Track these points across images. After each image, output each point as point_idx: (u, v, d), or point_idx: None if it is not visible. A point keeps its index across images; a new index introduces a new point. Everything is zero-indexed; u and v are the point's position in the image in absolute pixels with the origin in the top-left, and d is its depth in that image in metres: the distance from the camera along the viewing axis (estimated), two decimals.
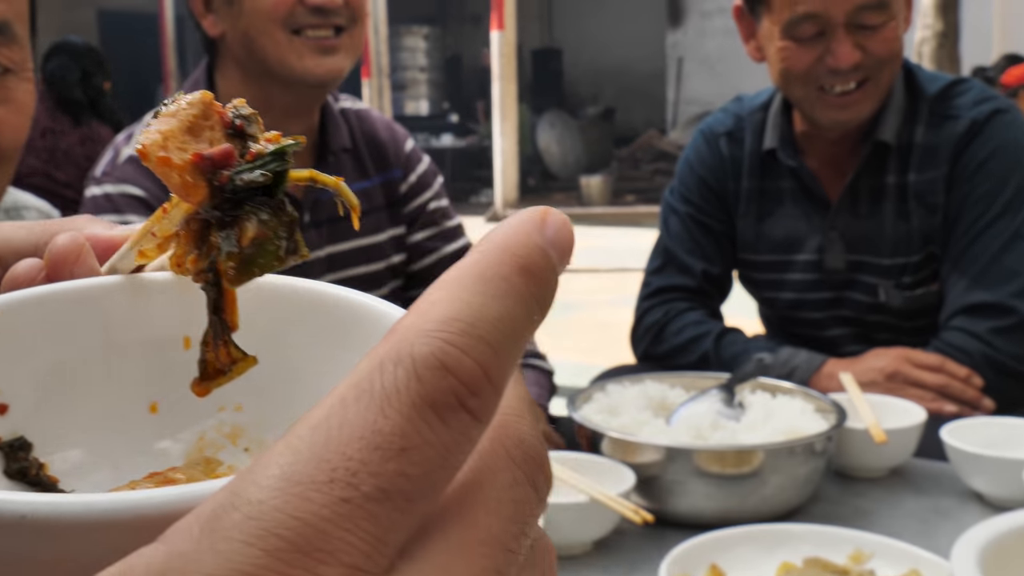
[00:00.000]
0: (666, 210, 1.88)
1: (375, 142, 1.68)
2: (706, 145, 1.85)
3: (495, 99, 9.10)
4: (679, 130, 12.31)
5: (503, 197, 9.15)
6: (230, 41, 1.50)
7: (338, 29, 1.49)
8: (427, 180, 1.72)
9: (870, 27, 1.60)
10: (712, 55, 12.60)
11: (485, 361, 0.20)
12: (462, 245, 1.72)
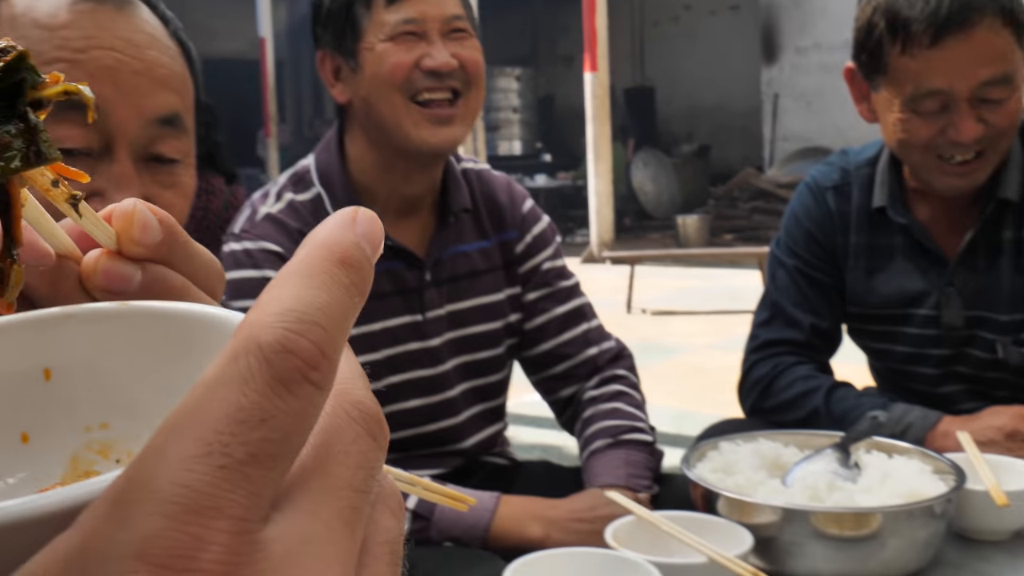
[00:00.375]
0: (773, 262, 1.87)
1: (494, 203, 1.70)
2: (812, 198, 1.84)
3: (589, 140, 9.14)
4: (777, 167, 12.20)
5: (599, 237, 9.17)
6: (355, 107, 1.58)
7: (455, 93, 1.53)
8: (543, 241, 1.74)
9: (994, 101, 1.59)
10: (809, 91, 12.49)
11: (320, 341, 0.25)
12: (575, 306, 1.73)
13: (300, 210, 1.59)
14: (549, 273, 1.72)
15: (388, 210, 1.60)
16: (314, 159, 1.66)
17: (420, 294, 1.62)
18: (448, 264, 1.64)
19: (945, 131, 1.60)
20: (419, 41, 1.52)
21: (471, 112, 1.57)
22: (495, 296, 1.68)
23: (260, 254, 1.52)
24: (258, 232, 1.54)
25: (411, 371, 1.59)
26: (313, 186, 1.62)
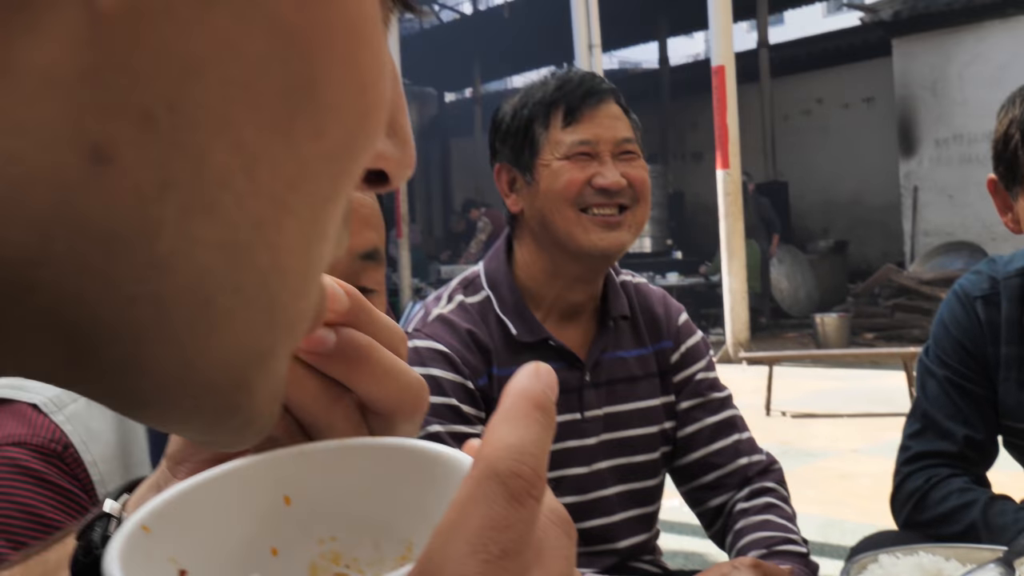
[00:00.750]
0: (923, 372, 1.87)
1: (651, 314, 1.76)
2: (961, 308, 1.83)
3: (722, 237, 9.16)
4: (918, 263, 11.94)
5: (733, 337, 9.10)
6: (527, 216, 1.67)
7: (621, 207, 1.62)
8: (697, 353, 1.78)
9: None
10: (950, 184, 12.29)
11: (535, 466, 0.34)
12: (726, 417, 1.75)
13: (469, 311, 1.67)
14: (702, 384, 1.76)
15: (552, 313, 1.68)
16: (483, 265, 1.74)
17: (580, 394, 1.67)
18: (607, 367, 1.69)
19: None
20: (591, 160, 1.62)
21: (637, 223, 1.65)
22: (651, 402, 1.73)
23: (427, 352, 1.59)
24: (429, 331, 1.62)
25: (567, 468, 1.63)
26: (482, 289, 1.69)
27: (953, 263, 11.21)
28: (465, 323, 1.64)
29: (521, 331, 1.65)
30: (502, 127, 1.72)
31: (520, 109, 1.68)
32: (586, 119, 1.64)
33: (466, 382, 1.59)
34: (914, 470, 1.78)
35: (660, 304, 1.80)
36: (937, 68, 12.75)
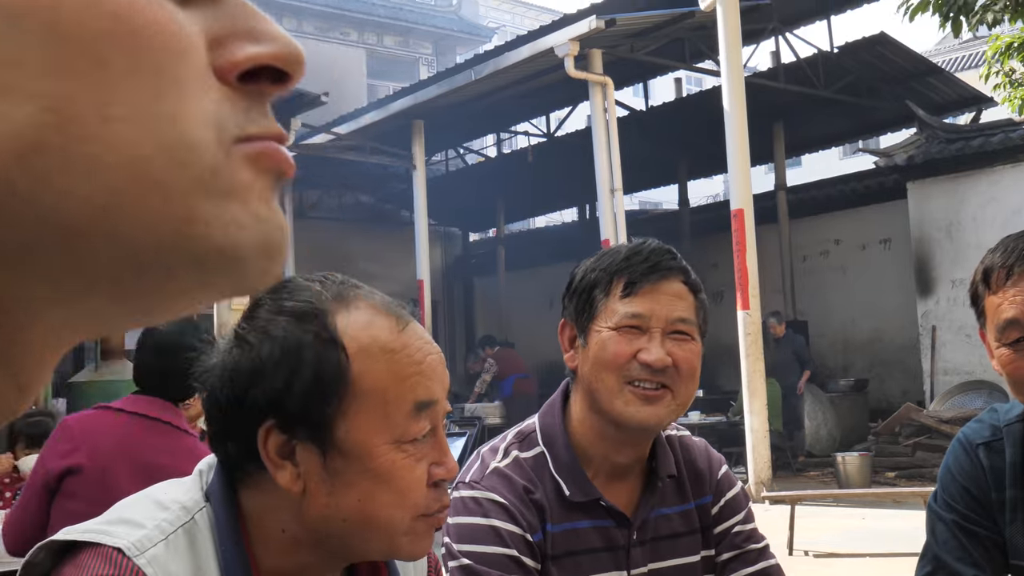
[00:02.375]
0: (932, 517, 1.87)
1: (695, 470, 1.76)
2: (965, 455, 1.85)
3: (744, 377, 9.15)
4: (938, 402, 11.82)
5: (755, 475, 9.00)
6: (580, 374, 1.66)
7: (663, 385, 1.60)
8: (736, 505, 1.78)
9: None
10: (967, 324, 12.20)
11: None
12: (763, 567, 1.75)
13: (524, 466, 1.66)
14: (739, 536, 1.76)
15: (601, 472, 1.68)
16: (538, 420, 1.73)
17: (627, 551, 1.66)
18: (652, 525, 1.70)
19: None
20: (641, 335, 1.60)
21: (679, 402, 1.63)
22: (692, 558, 1.73)
23: (488, 503, 1.60)
24: (487, 484, 1.63)
25: None
26: (537, 445, 1.69)
27: (973, 402, 11.12)
28: (521, 479, 1.65)
29: (574, 492, 1.65)
30: (572, 285, 1.71)
31: (589, 272, 1.68)
32: (644, 293, 1.63)
33: (525, 534, 1.60)
34: None
35: (703, 458, 1.80)
36: (951, 211, 12.82)
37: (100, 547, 1.02)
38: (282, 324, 1.07)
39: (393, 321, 1.10)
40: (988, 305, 1.72)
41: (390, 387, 1.08)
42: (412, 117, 14.18)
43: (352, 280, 1.15)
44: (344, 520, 1.07)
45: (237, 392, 1.06)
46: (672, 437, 1.78)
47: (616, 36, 11.03)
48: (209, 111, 0.38)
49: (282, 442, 1.05)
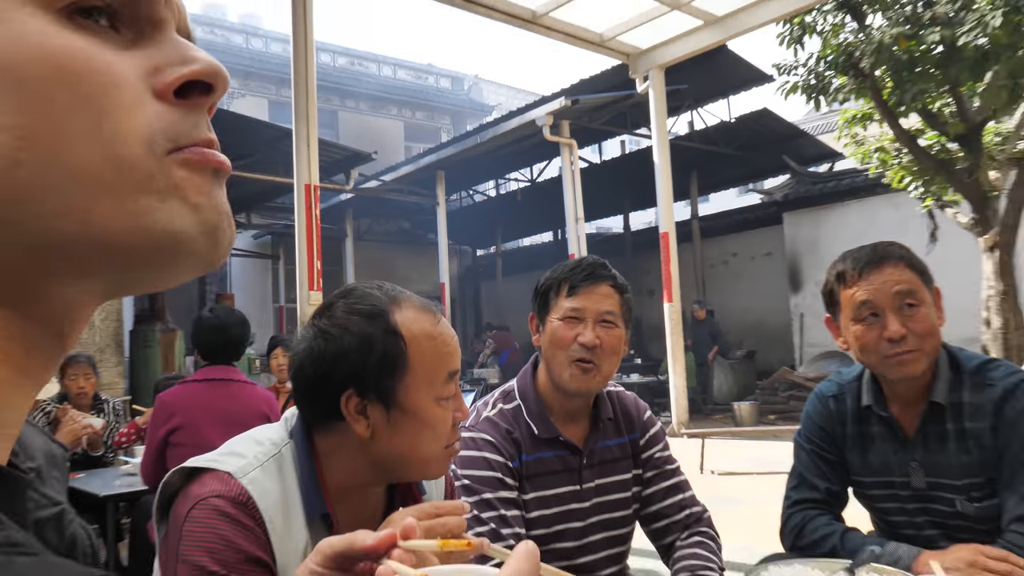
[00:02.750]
0: (797, 447, 1.89)
1: (627, 414, 1.78)
2: (820, 404, 1.87)
3: (668, 349, 9.12)
4: (805, 366, 11.92)
5: (677, 418, 9.00)
6: (543, 350, 1.68)
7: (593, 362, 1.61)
8: (656, 439, 1.78)
9: (908, 310, 1.64)
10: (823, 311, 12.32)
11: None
12: (675, 482, 1.75)
13: (506, 415, 1.67)
14: (659, 459, 1.77)
15: (559, 417, 1.68)
16: (516, 382, 1.73)
17: (579, 472, 1.67)
18: (598, 453, 1.70)
19: (883, 334, 1.64)
20: (579, 324, 1.61)
21: (604, 374, 1.63)
22: (625, 476, 1.73)
23: (481, 441, 1.62)
24: (480, 428, 1.64)
25: (569, 523, 1.64)
26: (515, 399, 1.70)
27: (828, 366, 11.15)
28: (504, 424, 1.65)
29: (541, 431, 1.65)
30: (538, 288, 1.71)
31: (548, 279, 1.69)
32: (582, 293, 1.63)
33: (507, 462, 1.60)
34: (794, 512, 1.80)
35: (633, 406, 1.80)
36: (814, 233, 12.88)
37: (215, 471, 1.03)
38: (356, 322, 1.09)
39: (431, 315, 1.13)
40: (843, 296, 1.72)
41: (433, 363, 1.10)
42: (436, 169, 14.16)
43: (398, 287, 1.17)
44: (399, 455, 1.09)
45: (325, 370, 1.08)
46: (611, 391, 1.79)
47: (579, 111, 11.04)
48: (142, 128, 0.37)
49: (358, 403, 1.07)
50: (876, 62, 7.26)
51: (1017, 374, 1.67)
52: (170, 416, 3.00)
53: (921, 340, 1.64)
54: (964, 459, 1.66)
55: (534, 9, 7.91)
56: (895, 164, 8.28)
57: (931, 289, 1.70)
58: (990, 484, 1.63)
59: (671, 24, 8.35)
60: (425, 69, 23.99)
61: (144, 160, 0.37)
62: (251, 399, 3.14)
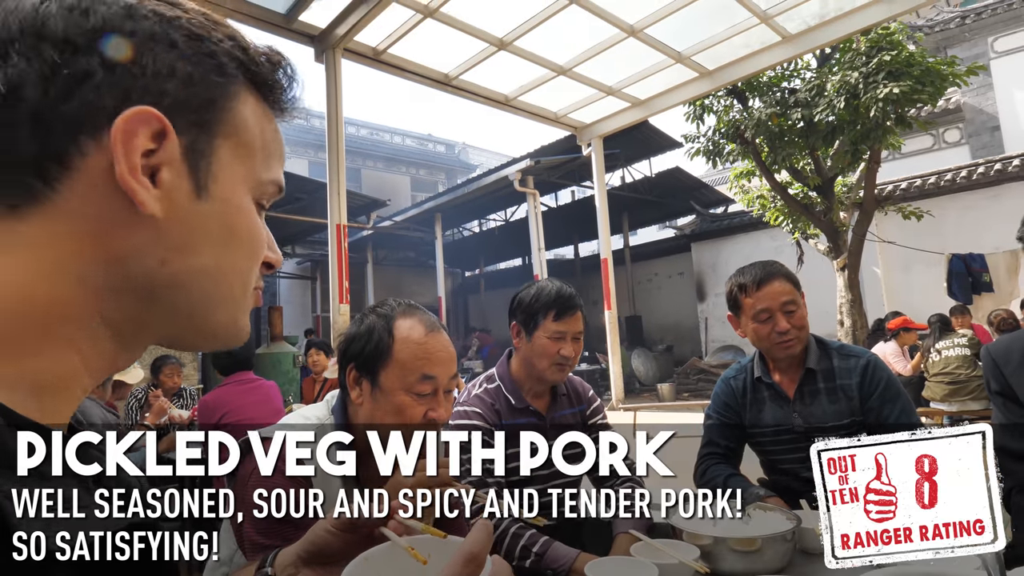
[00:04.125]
0: (707, 417, 1.92)
1: (576, 391, 1.78)
2: (724, 385, 1.90)
3: (609, 346, 9.12)
4: (709, 356, 12.00)
5: (616, 396, 9.02)
6: (523, 353, 1.66)
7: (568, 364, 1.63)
8: (598, 410, 1.78)
9: (790, 312, 1.73)
10: (722, 316, 12.33)
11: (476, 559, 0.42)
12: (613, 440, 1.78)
13: (489, 392, 1.67)
14: (600, 426, 1.78)
15: (528, 393, 1.68)
16: (496, 369, 1.71)
17: (544, 434, 1.67)
18: (558, 421, 1.70)
19: (773, 328, 1.72)
20: (560, 341, 1.62)
21: (571, 369, 1.66)
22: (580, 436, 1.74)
23: (471, 412, 1.61)
24: (470, 403, 1.64)
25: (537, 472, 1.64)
26: (496, 381, 1.69)
27: (727, 356, 11.27)
28: (488, 398, 1.65)
29: (516, 403, 1.65)
30: (522, 305, 1.66)
31: (534, 301, 1.64)
32: (565, 319, 1.62)
33: (490, 427, 1.59)
34: (702, 461, 1.83)
35: (581, 386, 1.81)
36: (713, 258, 12.97)
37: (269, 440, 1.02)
38: (373, 319, 1.09)
39: (427, 329, 1.11)
40: (745, 303, 1.77)
41: (411, 361, 1.08)
42: (435, 211, 14.09)
43: (420, 307, 1.16)
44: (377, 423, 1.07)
45: (347, 346, 1.11)
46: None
47: (540, 169, 11.08)
48: (255, 274, 0.43)
49: (356, 376, 1.07)
50: (756, 133, 7.42)
51: (867, 352, 1.77)
52: (213, 413, 3.08)
53: (799, 331, 1.74)
54: (832, 408, 1.71)
55: (507, 94, 7.99)
56: (772, 207, 8.43)
57: (801, 295, 1.77)
58: (852, 425, 1.68)
59: (608, 105, 8.47)
60: (426, 138, 23.96)
61: (249, 290, 0.43)
62: (266, 390, 3.31)
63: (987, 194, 9.11)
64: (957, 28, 11.58)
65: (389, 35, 6.43)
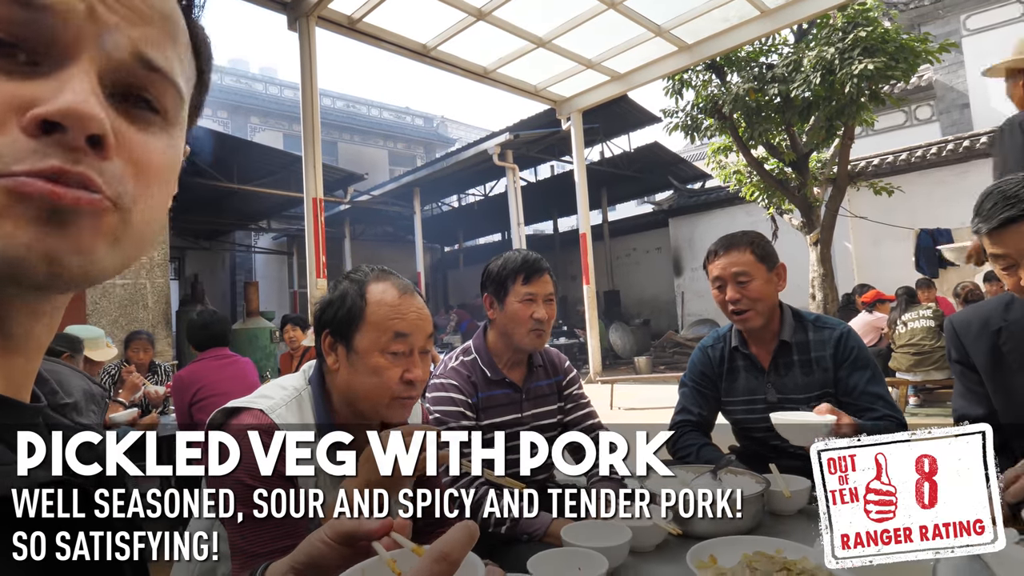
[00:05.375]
0: (681, 384, 1.93)
1: (552, 363, 1.79)
2: (701, 353, 1.91)
3: (587, 320, 9.16)
4: (685, 330, 12.13)
5: (593, 369, 9.10)
6: (497, 322, 1.66)
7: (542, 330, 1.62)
8: (574, 380, 1.79)
9: (742, 283, 1.73)
10: (700, 290, 12.54)
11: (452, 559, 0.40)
12: (587, 411, 1.76)
13: (466, 364, 1.66)
14: (576, 396, 1.79)
15: (505, 365, 1.68)
16: (472, 342, 1.71)
17: (520, 404, 1.67)
18: (533, 391, 1.71)
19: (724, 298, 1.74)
20: (532, 304, 1.62)
21: (547, 336, 1.66)
22: (552, 407, 1.74)
23: (448, 384, 1.61)
24: (446, 375, 1.64)
25: (512, 441, 1.62)
26: (472, 353, 1.69)
27: (703, 330, 11.41)
28: (464, 371, 1.65)
29: (492, 375, 1.65)
30: (492, 276, 1.67)
31: (502, 269, 1.65)
32: (533, 282, 1.63)
33: (467, 399, 1.59)
34: (675, 428, 1.83)
35: (557, 358, 1.82)
36: (690, 233, 13.01)
37: (251, 409, 1.01)
38: (346, 284, 1.09)
39: (398, 291, 1.10)
40: (708, 270, 1.79)
41: (382, 322, 1.07)
42: (413, 186, 13.94)
43: (392, 272, 1.15)
44: (354, 392, 1.06)
45: (321, 312, 1.10)
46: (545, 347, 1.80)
47: (519, 143, 10.97)
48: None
49: (331, 342, 1.07)
50: (733, 108, 7.43)
51: (842, 323, 1.78)
52: (187, 388, 3.09)
53: (753, 303, 1.73)
54: (805, 380, 1.74)
55: (485, 66, 7.86)
56: (748, 183, 8.50)
57: (771, 267, 1.76)
58: (822, 397, 1.70)
59: (587, 79, 8.39)
60: (403, 111, 23.56)
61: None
62: (241, 366, 3.29)
63: (956, 171, 9.29)
64: (931, 5, 11.65)
65: (365, 2, 6.26)
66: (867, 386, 1.66)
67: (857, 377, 1.68)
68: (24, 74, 0.30)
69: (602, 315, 11.88)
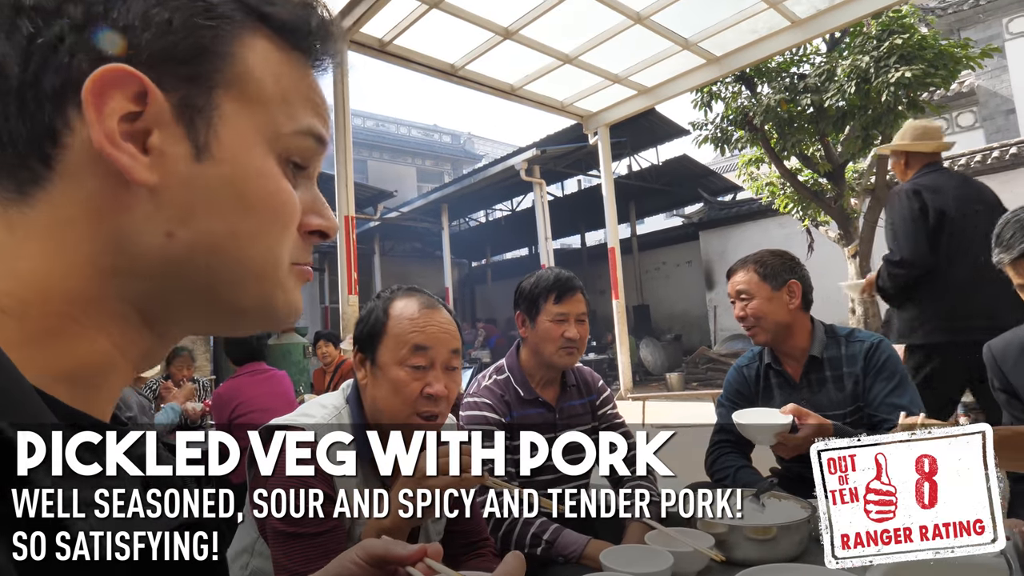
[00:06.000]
0: (719, 405, 1.92)
1: (586, 382, 1.78)
2: (736, 373, 1.90)
3: (617, 335, 9.11)
4: (718, 345, 11.98)
5: (624, 386, 9.00)
6: (529, 340, 1.67)
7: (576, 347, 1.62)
8: (608, 400, 1.79)
9: (744, 300, 1.77)
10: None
11: None
12: (622, 430, 1.74)
13: (499, 383, 1.66)
14: (610, 416, 1.78)
15: (538, 384, 1.67)
16: (505, 360, 1.71)
17: (554, 424, 1.67)
18: (567, 411, 1.70)
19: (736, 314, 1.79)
20: (563, 323, 1.62)
21: (580, 354, 1.66)
22: (587, 427, 1.73)
23: (482, 403, 1.61)
24: (481, 394, 1.64)
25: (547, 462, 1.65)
26: (505, 372, 1.69)
27: (736, 345, 11.24)
28: (498, 390, 1.65)
29: (526, 394, 1.65)
30: (524, 294, 1.68)
31: (534, 287, 1.66)
32: (565, 301, 1.63)
33: (500, 418, 1.60)
34: (713, 450, 1.82)
35: (591, 376, 1.81)
36: (723, 245, 12.90)
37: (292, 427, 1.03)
38: (375, 303, 1.12)
39: (422, 307, 1.12)
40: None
41: (401, 335, 1.09)
42: (441, 202, 14.09)
43: (422, 290, 1.18)
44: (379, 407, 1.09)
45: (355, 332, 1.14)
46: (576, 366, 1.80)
47: (546, 158, 11.05)
48: (289, 246, 0.39)
49: (360, 357, 1.09)
50: (765, 120, 7.36)
51: (875, 336, 1.76)
52: (226, 403, 3.14)
53: (756, 320, 1.77)
54: (839, 396, 1.72)
55: (512, 84, 7.94)
56: (781, 194, 8.38)
57: (777, 285, 1.76)
58: (855, 412, 1.69)
59: (614, 93, 8.41)
60: (432, 129, 23.94)
61: (283, 265, 0.39)
62: (279, 380, 3.35)
63: (1001, 178, 9.01)
64: (971, 9, 11.41)
65: (395, 26, 6.41)
66: (888, 396, 1.64)
67: (880, 387, 1.66)
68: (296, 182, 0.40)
69: (632, 330, 11.78)
